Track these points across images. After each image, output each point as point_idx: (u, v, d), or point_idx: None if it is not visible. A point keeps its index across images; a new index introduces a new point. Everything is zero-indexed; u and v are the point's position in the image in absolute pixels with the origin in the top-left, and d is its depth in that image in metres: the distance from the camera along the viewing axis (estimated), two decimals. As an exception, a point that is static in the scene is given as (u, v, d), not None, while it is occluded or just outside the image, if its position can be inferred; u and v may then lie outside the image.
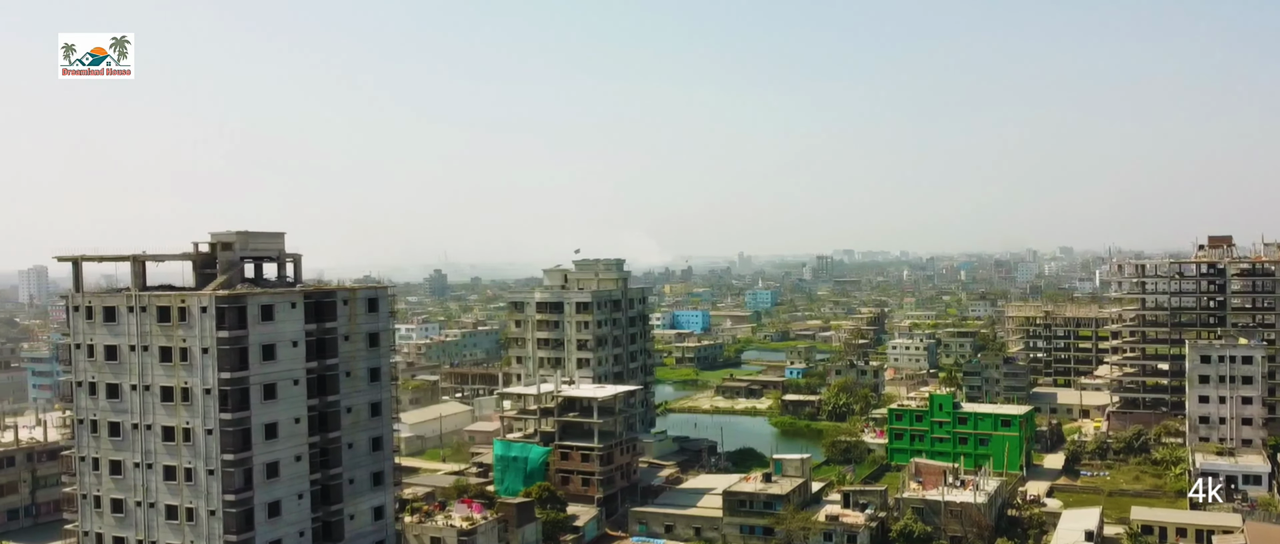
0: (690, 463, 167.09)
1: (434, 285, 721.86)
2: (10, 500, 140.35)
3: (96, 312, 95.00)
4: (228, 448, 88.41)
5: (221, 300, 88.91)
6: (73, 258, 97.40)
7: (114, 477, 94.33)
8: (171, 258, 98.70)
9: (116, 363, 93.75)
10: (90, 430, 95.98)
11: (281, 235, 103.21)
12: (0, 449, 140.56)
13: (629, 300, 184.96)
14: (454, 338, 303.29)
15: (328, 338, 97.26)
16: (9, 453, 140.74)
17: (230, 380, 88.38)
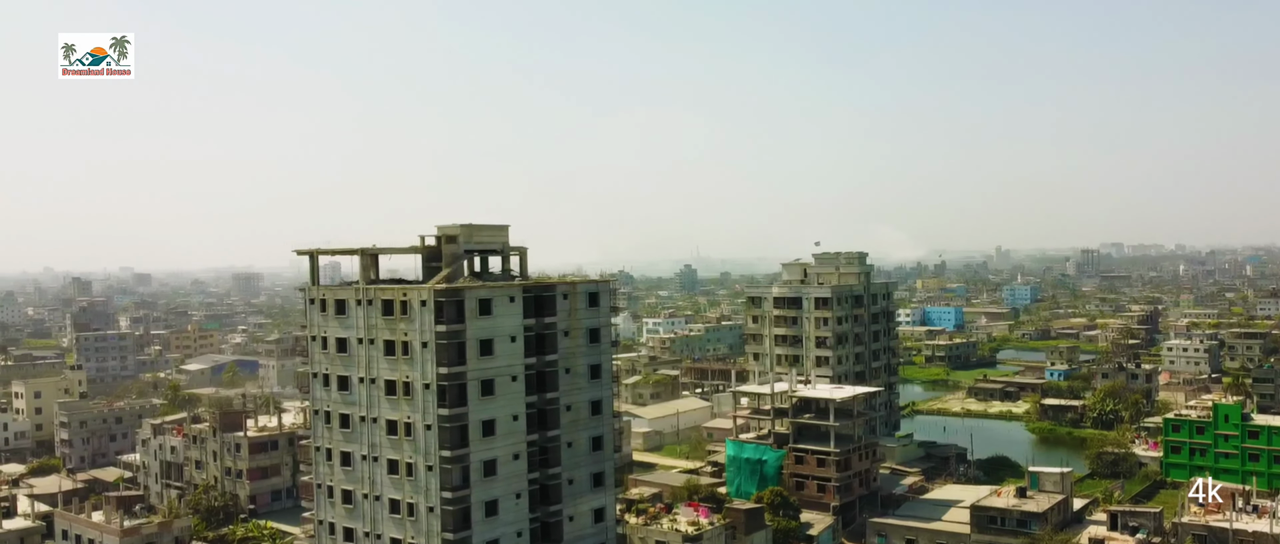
0: (936, 471, 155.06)
1: (684, 280, 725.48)
2: (273, 482, 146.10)
3: (329, 305, 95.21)
4: (445, 444, 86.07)
5: (439, 294, 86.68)
6: (309, 251, 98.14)
7: (344, 468, 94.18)
8: (399, 251, 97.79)
9: (346, 355, 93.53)
10: (324, 421, 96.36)
11: (505, 228, 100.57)
12: (265, 434, 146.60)
13: (872, 295, 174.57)
14: (697, 333, 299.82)
15: (547, 333, 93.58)
16: (272, 437, 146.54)
17: (448, 375, 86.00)
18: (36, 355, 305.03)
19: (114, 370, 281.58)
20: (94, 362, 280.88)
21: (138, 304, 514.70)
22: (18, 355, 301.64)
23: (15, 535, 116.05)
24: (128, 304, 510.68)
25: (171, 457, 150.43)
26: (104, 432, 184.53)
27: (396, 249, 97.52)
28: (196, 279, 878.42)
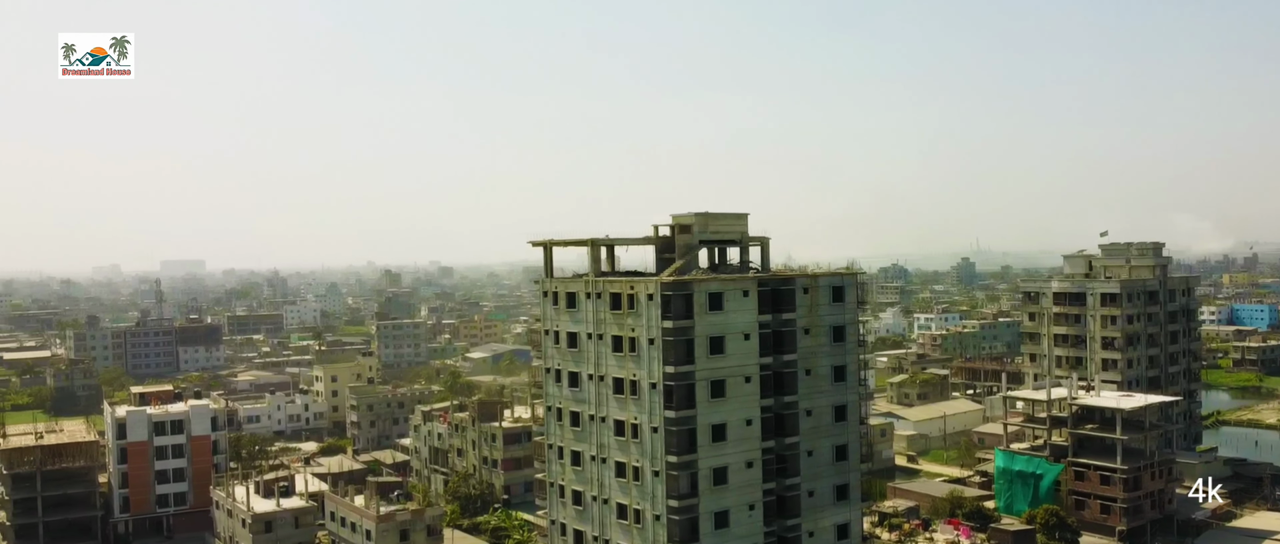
0: (1246, 493, 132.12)
1: (962, 274, 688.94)
2: (526, 473, 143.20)
3: (561, 298, 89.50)
4: (672, 448, 77.97)
5: (666, 287, 78.62)
6: (543, 243, 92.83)
7: (575, 468, 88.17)
8: (631, 242, 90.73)
9: (576, 351, 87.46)
10: (556, 419, 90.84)
11: (743, 217, 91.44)
12: (518, 425, 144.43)
13: (1169, 292, 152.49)
14: (972, 329, 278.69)
15: (785, 330, 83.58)
16: (526, 428, 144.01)
17: (675, 375, 77.84)
18: (346, 342, 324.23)
19: (408, 357, 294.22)
20: (391, 348, 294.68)
21: (438, 295, 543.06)
22: (330, 341, 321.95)
23: (291, 514, 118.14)
24: (430, 295, 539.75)
25: (438, 443, 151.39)
26: (388, 415, 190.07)
27: (628, 240, 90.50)
28: (493, 272, 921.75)
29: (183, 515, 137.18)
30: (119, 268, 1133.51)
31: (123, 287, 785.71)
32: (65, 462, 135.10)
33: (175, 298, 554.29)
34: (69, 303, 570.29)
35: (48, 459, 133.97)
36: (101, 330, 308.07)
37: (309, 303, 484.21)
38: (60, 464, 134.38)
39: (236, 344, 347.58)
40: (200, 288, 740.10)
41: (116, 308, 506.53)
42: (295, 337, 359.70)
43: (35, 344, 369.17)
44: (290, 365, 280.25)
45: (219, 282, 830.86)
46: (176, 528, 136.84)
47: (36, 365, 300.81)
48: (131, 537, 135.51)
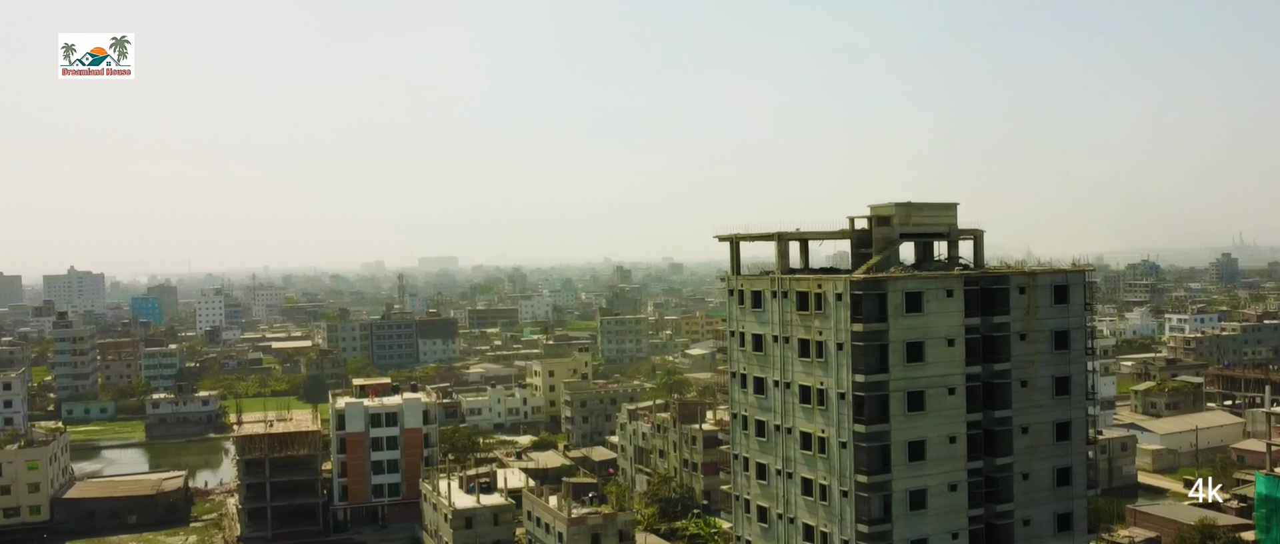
0: None
1: (1222, 270, 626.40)
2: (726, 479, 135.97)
3: (747, 296, 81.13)
4: (862, 466, 68.14)
5: (856, 286, 68.84)
6: (729, 237, 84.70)
7: (760, 482, 79.60)
8: (823, 236, 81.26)
9: (762, 354, 78.88)
10: (741, 427, 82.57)
11: (952, 207, 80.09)
12: (721, 427, 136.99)
13: None
14: (1232, 332, 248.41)
15: (996, 335, 71.93)
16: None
17: (866, 384, 68.00)
18: (572, 336, 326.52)
19: (630, 352, 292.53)
20: (614, 343, 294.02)
21: (666, 291, 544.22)
22: (558, 335, 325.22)
23: (491, 512, 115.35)
24: (658, 291, 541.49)
25: (642, 442, 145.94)
26: (600, 411, 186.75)
27: (820, 233, 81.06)
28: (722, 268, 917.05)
29: (396, 506, 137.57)
30: (383, 264, 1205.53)
31: (384, 281, 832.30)
32: (291, 450, 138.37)
33: (426, 292, 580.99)
34: (335, 296, 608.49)
35: (276, 447, 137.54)
36: (351, 323, 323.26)
37: (543, 298, 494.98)
38: (287, 452, 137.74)
39: (472, 337, 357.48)
40: (451, 283, 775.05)
41: (376, 301, 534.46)
42: (527, 330, 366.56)
43: (300, 334, 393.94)
44: (519, 359, 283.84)
45: (468, 277, 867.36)
46: (390, 518, 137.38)
47: (296, 354, 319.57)
48: (349, 524, 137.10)
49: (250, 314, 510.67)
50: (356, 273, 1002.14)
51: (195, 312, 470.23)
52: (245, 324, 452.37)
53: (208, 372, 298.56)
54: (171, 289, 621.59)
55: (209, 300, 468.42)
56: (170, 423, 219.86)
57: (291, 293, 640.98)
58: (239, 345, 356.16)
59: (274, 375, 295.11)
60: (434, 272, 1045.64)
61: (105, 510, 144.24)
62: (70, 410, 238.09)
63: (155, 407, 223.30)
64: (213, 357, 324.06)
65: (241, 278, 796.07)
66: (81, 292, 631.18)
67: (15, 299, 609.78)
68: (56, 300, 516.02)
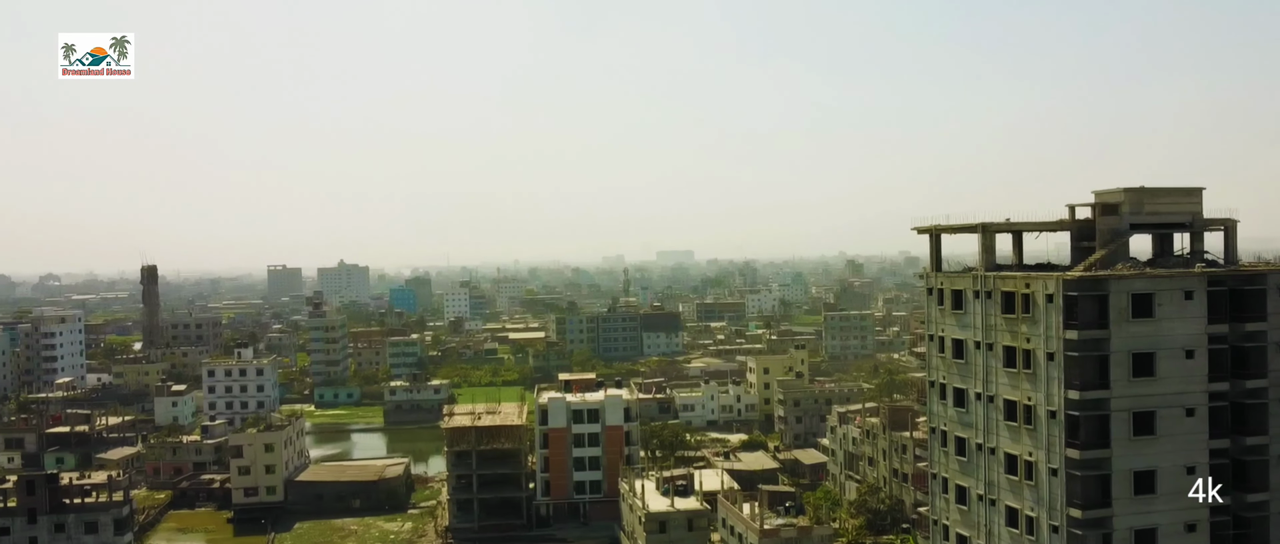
0: None
1: None
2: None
3: (946, 296, 70.90)
4: (1076, 498, 57.03)
5: (1070, 285, 57.69)
6: (929, 228, 74.57)
7: (960, 507, 69.31)
8: (1036, 227, 69.77)
9: (963, 362, 68.54)
10: (940, 443, 72.37)
11: (1195, 192, 66.81)
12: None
13: None
14: None
15: (1250, 346, 58.77)
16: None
17: (1081, 401, 56.87)
18: (796, 332, 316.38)
19: (855, 349, 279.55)
20: (838, 340, 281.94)
21: (898, 286, 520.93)
22: (781, 331, 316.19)
23: (685, 516, 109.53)
24: (890, 286, 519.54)
25: (852, 447, 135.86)
26: (814, 412, 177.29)
27: (1033, 224, 69.63)
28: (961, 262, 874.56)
29: (597, 504, 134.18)
30: (623, 258, 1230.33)
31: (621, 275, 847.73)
32: (497, 443, 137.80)
33: (659, 286, 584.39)
34: (573, 289, 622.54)
35: (483, 439, 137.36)
36: (578, 315, 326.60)
37: (771, 292, 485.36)
38: (493, 445, 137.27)
39: (697, 331, 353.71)
40: (684, 277, 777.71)
41: (611, 294, 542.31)
42: (752, 325, 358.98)
43: (537, 325, 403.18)
44: (741, 354, 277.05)
45: (701, 271, 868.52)
46: (591, 515, 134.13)
47: (528, 344, 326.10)
48: (552, 520, 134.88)
49: (493, 305, 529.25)
50: (597, 266, 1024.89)
51: (444, 303, 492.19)
52: (488, 315, 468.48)
53: (447, 360, 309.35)
54: (427, 281, 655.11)
55: (456, 292, 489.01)
56: (405, 409, 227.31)
57: (532, 286, 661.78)
58: (479, 335, 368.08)
59: (506, 365, 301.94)
60: (669, 266, 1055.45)
61: (332, 494, 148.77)
62: (321, 395, 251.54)
63: (392, 393, 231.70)
64: (453, 346, 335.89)
65: (492, 271, 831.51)
66: (349, 283, 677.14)
67: (295, 290, 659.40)
68: (326, 291, 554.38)
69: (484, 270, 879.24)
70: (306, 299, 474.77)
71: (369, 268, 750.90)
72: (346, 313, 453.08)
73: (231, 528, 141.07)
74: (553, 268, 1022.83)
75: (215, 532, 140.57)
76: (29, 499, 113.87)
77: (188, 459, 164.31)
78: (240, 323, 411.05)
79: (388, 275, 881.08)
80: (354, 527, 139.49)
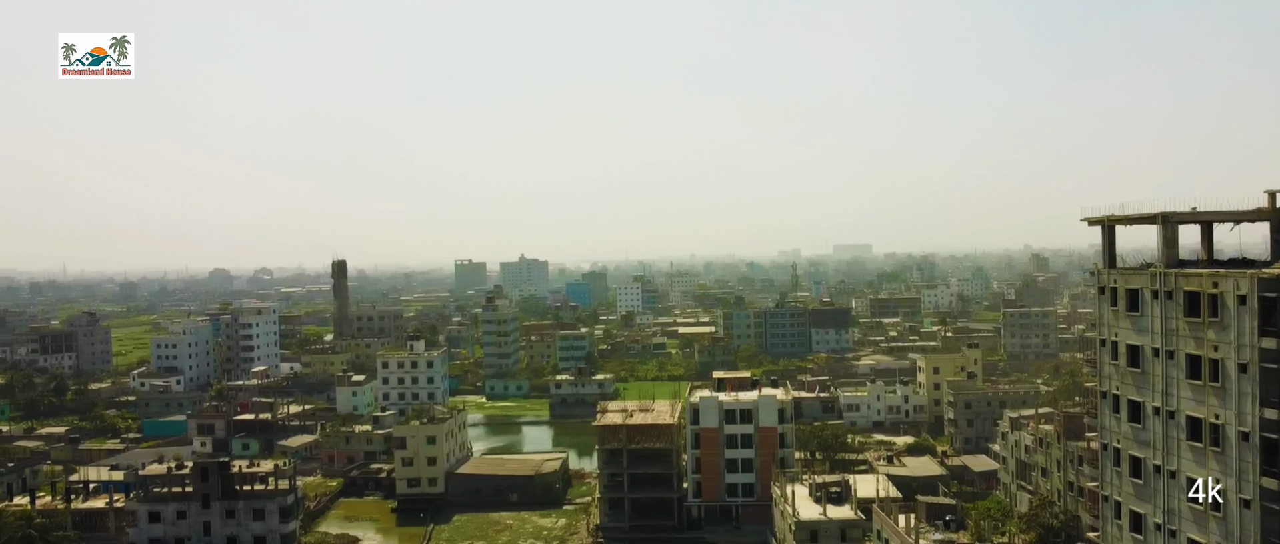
0: None
1: None
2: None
3: (1120, 295, 61.92)
4: (1273, 537, 47.72)
5: (1267, 285, 48.42)
6: (1101, 219, 65.53)
7: (1135, 536, 60.30)
8: (1228, 217, 59.79)
9: (1139, 372, 59.56)
10: (1112, 462, 63.37)
11: None
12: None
13: None
14: None
15: None
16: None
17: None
18: (974, 329, 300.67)
19: (1036, 348, 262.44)
20: (1018, 338, 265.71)
21: (1086, 281, 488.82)
22: (958, 328, 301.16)
23: (838, 526, 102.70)
24: (1079, 281, 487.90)
25: (1024, 456, 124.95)
26: (987, 415, 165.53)
27: (1224, 214, 59.73)
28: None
29: (749, 507, 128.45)
30: (799, 251, 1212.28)
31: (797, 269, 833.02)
32: (649, 442, 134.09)
33: (834, 280, 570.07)
34: (746, 283, 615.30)
35: (634, 438, 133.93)
36: (745, 310, 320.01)
37: (949, 287, 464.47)
38: (644, 444, 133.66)
39: (869, 327, 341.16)
40: (860, 271, 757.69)
41: (784, 288, 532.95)
42: (928, 322, 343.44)
43: (707, 319, 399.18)
44: (913, 351, 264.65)
45: (879, 265, 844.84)
46: (744, 519, 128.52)
47: (695, 339, 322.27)
48: (703, 522, 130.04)
49: (666, 299, 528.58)
50: (771, 261, 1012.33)
51: (617, 297, 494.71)
52: (659, 309, 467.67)
53: (615, 354, 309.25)
54: (603, 275, 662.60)
55: (629, 286, 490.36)
56: (570, 403, 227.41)
57: (706, 280, 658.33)
58: (648, 329, 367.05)
59: (673, 360, 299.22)
60: (846, 259, 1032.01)
61: (491, 487, 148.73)
62: (492, 387, 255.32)
63: (557, 387, 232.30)
64: (621, 340, 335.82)
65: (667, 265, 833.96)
66: (529, 277, 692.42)
67: (480, 284, 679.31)
68: (506, 285, 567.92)
69: (659, 264, 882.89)
70: (485, 294, 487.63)
71: (548, 262, 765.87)
72: (523, 307, 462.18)
73: (394, 518, 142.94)
74: (727, 262, 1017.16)
75: (380, 521, 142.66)
76: (203, 485, 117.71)
77: (359, 448, 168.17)
78: (425, 316, 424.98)
79: (568, 269, 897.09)
80: (509, 521, 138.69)
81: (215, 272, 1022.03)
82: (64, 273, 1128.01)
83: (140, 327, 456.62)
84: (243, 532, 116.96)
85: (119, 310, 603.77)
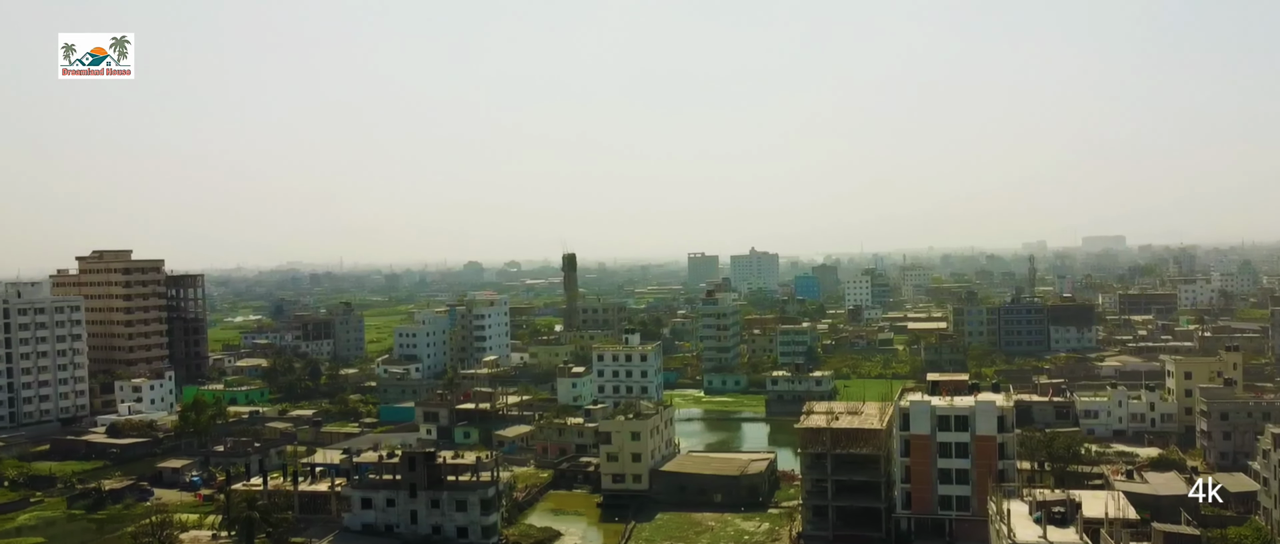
0: None
1: None
2: None
3: None
4: None
5: None
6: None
7: None
8: None
9: None
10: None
11: None
12: None
13: None
14: None
15: None
16: None
17: None
18: (1237, 329, 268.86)
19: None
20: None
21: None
22: (1217, 327, 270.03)
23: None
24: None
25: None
26: (1249, 428, 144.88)
27: None
28: None
29: (964, 522, 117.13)
30: (1045, 244, 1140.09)
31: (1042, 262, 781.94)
32: (854, 447, 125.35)
33: (1079, 274, 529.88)
34: (985, 277, 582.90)
35: (838, 442, 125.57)
36: (978, 306, 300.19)
37: (1210, 282, 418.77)
38: (849, 448, 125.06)
39: (1115, 325, 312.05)
40: (1111, 265, 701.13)
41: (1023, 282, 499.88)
42: (1183, 320, 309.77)
43: (939, 315, 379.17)
44: (1165, 353, 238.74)
45: (1132, 258, 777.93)
46: (957, 534, 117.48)
47: (923, 336, 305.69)
48: (913, 536, 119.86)
49: (898, 294, 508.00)
50: (1015, 253, 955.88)
51: (845, 290, 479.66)
52: (889, 303, 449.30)
53: (838, 350, 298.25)
54: (833, 269, 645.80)
55: (857, 280, 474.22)
56: (787, 400, 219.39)
57: (942, 273, 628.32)
58: (875, 325, 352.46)
59: (899, 357, 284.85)
60: (1096, 251, 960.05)
61: (695, 486, 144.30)
62: (710, 381, 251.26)
63: (774, 383, 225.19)
64: (846, 335, 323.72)
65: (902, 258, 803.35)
66: (759, 270, 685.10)
67: (712, 276, 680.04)
68: (735, 278, 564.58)
69: (892, 257, 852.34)
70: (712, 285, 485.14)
71: (778, 256, 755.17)
72: (750, 300, 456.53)
73: (599, 512, 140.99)
74: (966, 255, 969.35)
75: (585, 515, 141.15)
76: (410, 474, 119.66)
77: (571, 440, 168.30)
78: (654, 308, 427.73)
79: (800, 263, 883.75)
80: (711, 522, 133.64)
81: (469, 264, 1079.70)
82: (340, 265, 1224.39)
83: (397, 316, 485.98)
84: (446, 522, 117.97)
85: (382, 300, 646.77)
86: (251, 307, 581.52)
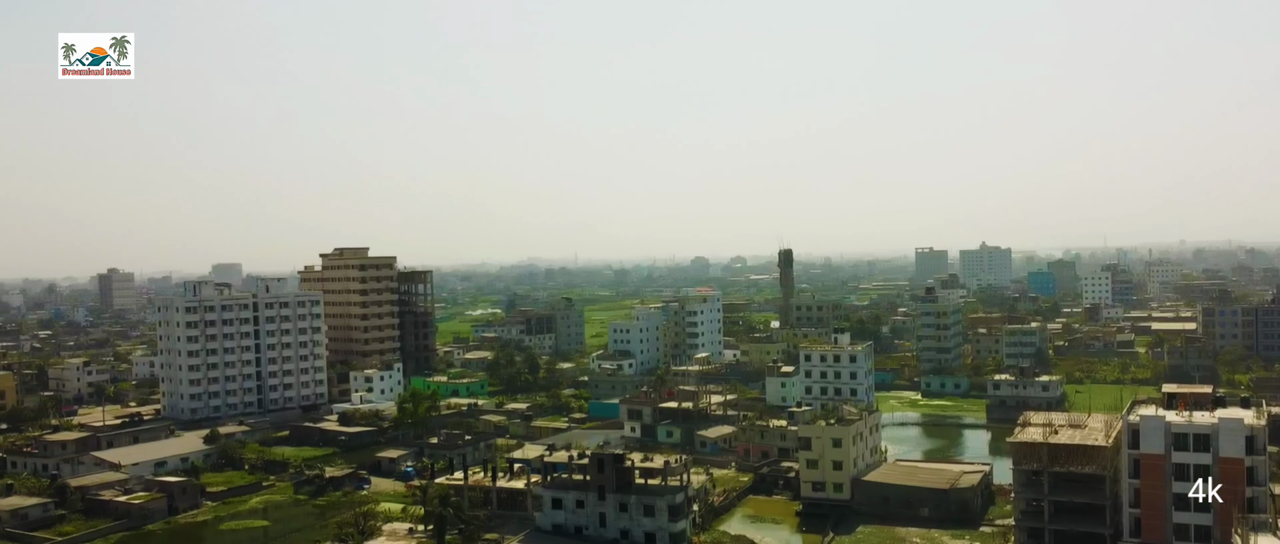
0: None
1: None
2: None
3: None
4: None
5: None
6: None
7: None
8: None
9: None
10: None
11: None
12: None
13: None
14: None
15: None
16: None
17: None
18: None
19: None
20: None
21: None
22: None
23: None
24: None
25: None
26: None
27: None
28: None
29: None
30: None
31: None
32: (1075, 465, 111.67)
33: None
34: (1243, 273, 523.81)
35: (1057, 459, 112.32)
36: (1231, 306, 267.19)
37: None
38: (1069, 466, 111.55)
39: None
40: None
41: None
42: None
43: (1189, 315, 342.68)
44: None
45: None
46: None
47: (1167, 338, 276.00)
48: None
49: (1143, 291, 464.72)
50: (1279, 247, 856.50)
51: (1084, 287, 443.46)
52: (1133, 302, 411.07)
53: (1072, 351, 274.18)
54: (1071, 264, 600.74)
55: (1097, 276, 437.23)
56: (1010, 406, 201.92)
57: (1192, 269, 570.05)
58: (1115, 325, 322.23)
59: (1140, 361, 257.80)
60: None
61: (900, 498, 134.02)
62: (928, 383, 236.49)
63: (995, 387, 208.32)
64: (1081, 336, 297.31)
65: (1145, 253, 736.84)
66: (989, 265, 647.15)
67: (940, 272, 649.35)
68: (965, 273, 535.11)
69: (1138, 251, 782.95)
70: (925, 285, 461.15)
71: (1011, 250, 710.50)
72: (979, 296, 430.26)
73: (797, 521, 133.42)
74: (1222, 249, 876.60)
75: (783, 523, 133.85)
76: (600, 476, 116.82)
77: (773, 443, 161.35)
78: (875, 304, 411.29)
79: (1038, 256, 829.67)
80: (916, 538, 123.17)
81: (696, 259, 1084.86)
82: (575, 260, 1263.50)
83: (622, 310, 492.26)
84: (634, 526, 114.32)
85: (608, 294, 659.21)
86: (489, 300, 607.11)
